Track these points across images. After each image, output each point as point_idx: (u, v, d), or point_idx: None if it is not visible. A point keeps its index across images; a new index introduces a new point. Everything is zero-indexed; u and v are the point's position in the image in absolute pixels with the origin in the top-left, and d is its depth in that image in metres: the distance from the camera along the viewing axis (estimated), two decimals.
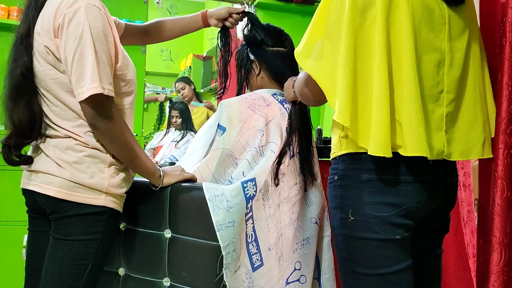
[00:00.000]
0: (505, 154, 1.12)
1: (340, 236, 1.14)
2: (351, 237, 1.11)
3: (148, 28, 1.69)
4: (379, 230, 1.07)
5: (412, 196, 1.07)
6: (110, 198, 1.23)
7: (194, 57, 4.98)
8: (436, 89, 1.09)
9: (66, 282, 1.19)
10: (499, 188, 1.11)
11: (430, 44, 1.09)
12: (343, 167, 1.13)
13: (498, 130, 1.14)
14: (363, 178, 1.09)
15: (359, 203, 1.09)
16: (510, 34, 1.13)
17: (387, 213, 1.07)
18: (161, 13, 5.06)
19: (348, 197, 1.11)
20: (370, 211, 1.07)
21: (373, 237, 1.08)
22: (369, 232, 1.08)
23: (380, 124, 1.02)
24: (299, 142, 1.55)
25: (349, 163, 1.12)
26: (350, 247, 1.12)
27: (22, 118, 1.19)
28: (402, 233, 1.08)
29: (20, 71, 1.19)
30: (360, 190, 1.09)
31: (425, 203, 1.10)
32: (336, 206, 1.14)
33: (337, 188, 1.14)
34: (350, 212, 1.10)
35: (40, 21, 1.20)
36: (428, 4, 1.08)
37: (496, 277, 1.09)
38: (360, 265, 1.11)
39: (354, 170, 1.11)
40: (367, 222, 1.08)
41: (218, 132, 1.47)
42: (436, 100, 1.10)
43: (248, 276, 1.35)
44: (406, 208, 1.07)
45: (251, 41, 1.67)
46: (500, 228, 1.10)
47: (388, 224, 1.07)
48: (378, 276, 1.09)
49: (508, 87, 1.12)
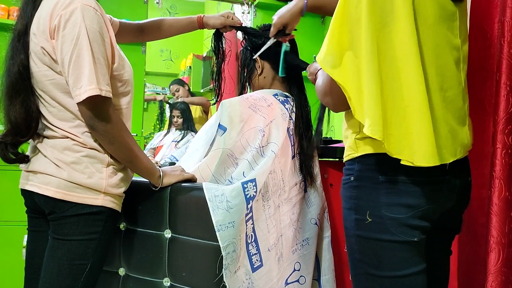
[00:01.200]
0: (503, 154, 1.12)
1: (354, 237, 1.12)
2: (366, 239, 1.09)
3: (143, 26, 1.69)
4: (395, 231, 1.06)
5: (429, 198, 1.06)
6: (108, 198, 1.23)
7: (194, 57, 4.97)
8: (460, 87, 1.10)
9: (65, 282, 1.19)
10: (497, 188, 1.11)
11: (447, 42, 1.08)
12: (359, 168, 1.11)
13: (496, 130, 1.14)
14: (380, 179, 1.07)
15: (375, 204, 1.07)
16: (508, 34, 1.13)
17: (404, 215, 1.05)
18: (161, 13, 5.06)
19: (365, 198, 1.09)
20: (387, 212, 1.06)
21: (389, 238, 1.06)
22: (385, 234, 1.06)
23: (425, 134, 1.00)
24: (300, 143, 1.55)
25: (366, 164, 1.10)
26: (364, 248, 1.10)
27: (18, 116, 1.19)
28: (419, 235, 1.07)
29: (17, 69, 1.19)
30: (376, 191, 1.07)
31: (441, 204, 1.09)
32: (351, 207, 1.13)
33: (353, 189, 1.12)
34: (368, 213, 1.08)
35: (36, 22, 1.19)
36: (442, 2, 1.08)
37: (494, 277, 1.09)
38: (374, 267, 1.09)
39: (370, 171, 1.09)
40: (384, 224, 1.06)
41: (218, 132, 1.47)
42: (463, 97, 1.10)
43: (248, 276, 1.35)
44: (423, 209, 1.06)
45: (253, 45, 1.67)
46: (498, 228, 1.10)
47: (405, 226, 1.05)
48: (393, 279, 1.07)
49: (506, 87, 1.12)
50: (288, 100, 1.61)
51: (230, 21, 1.70)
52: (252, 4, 3.32)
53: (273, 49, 1.65)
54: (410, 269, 1.07)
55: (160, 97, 5.00)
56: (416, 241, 1.06)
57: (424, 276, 1.09)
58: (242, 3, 3.34)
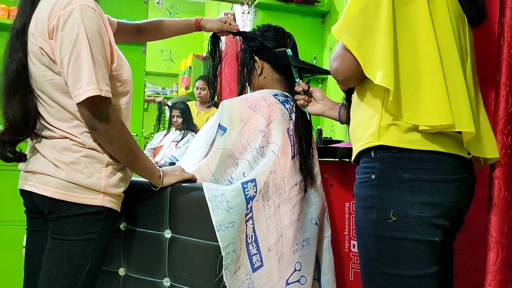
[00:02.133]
0: (502, 154, 1.12)
1: (371, 237, 1.11)
2: (386, 238, 1.08)
3: (141, 26, 1.69)
4: (420, 230, 1.05)
5: (451, 195, 1.06)
6: (107, 198, 1.23)
7: (194, 57, 4.97)
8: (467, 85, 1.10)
9: (64, 282, 1.19)
10: (496, 187, 1.11)
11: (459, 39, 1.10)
12: (380, 165, 1.10)
13: (496, 130, 1.14)
14: (404, 178, 1.06)
15: (400, 203, 1.06)
16: (508, 35, 1.13)
17: (428, 214, 1.05)
18: (161, 13, 5.06)
19: (388, 197, 1.08)
20: (412, 211, 1.05)
21: (412, 237, 1.05)
22: (408, 233, 1.05)
23: (438, 95, 1.02)
24: (299, 143, 1.55)
25: (388, 162, 1.09)
26: (382, 247, 1.09)
27: (16, 115, 1.19)
28: (441, 236, 1.06)
29: (16, 67, 1.19)
30: (401, 190, 1.06)
31: (460, 202, 1.09)
32: (371, 205, 1.11)
33: (374, 188, 1.11)
34: (392, 212, 1.07)
35: (34, 21, 1.19)
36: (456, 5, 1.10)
37: (493, 276, 1.10)
38: (392, 266, 1.08)
39: (394, 169, 1.08)
40: (409, 222, 1.05)
41: (219, 132, 1.47)
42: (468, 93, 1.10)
43: (248, 276, 1.35)
44: (445, 208, 1.06)
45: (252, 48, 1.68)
46: (497, 227, 1.10)
47: (429, 225, 1.05)
48: (410, 278, 1.07)
49: (506, 87, 1.13)
50: (288, 100, 1.61)
51: (227, 26, 1.70)
52: (252, 4, 3.32)
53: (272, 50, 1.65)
54: (427, 270, 1.06)
55: (159, 98, 5.00)
56: (437, 241, 1.05)
57: (437, 279, 1.08)
58: (242, 3, 3.34)
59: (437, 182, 1.05)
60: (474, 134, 1.03)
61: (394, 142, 1.07)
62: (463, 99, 1.04)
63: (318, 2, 3.37)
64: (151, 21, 1.71)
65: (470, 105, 1.05)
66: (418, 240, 1.05)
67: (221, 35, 1.76)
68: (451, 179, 1.06)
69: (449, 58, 1.05)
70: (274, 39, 1.66)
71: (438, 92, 1.02)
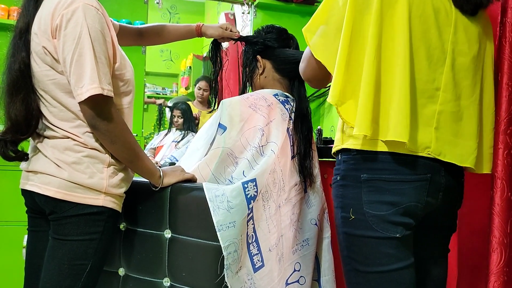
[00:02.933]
0: (505, 154, 1.12)
1: (341, 235, 1.16)
2: (352, 235, 1.13)
3: (142, 31, 1.70)
4: (377, 228, 1.09)
5: (410, 195, 1.09)
6: (109, 198, 1.23)
7: (194, 57, 4.97)
8: (431, 85, 1.11)
9: (65, 282, 1.19)
10: (499, 188, 1.11)
11: (428, 40, 1.10)
12: (344, 167, 1.15)
13: (498, 130, 1.14)
14: (362, 178, 1.11)
15: (358, 202, 1.11)
16: (510, 35, 1.13)
17: (385, 212, 1.08)
18: (161, 13, 5.06)
19: (348, 196, 1.13)
20: (369, 209, 1.09)
21: (372, 235, 1.10)
22: (368, 230, 1.10)
23: (362, 107, 1.06)
24: (299, 143, 1.55)
25: (350, 164, 1.14)
26: (351, 245, 1.14)
27: (18, 114, 1.19)
28: (402, 232, 1.09)
29: (18, 66, 1.19)
30: (359, 190, 1.11)
31: (424, 202, 1.11)
32: (337, 205, 1.17)
33: (339, 188, 1.16)
34: (351, 211, 1.12)
35: (37, 21, 1.19)
36: (434, 3, 1.10)
37: (496, 277, 1.09)
38: (361, 263, 1.12)
39: (354, 170, 1.13)
40: (366, 221, 1.10)
41: (218, 131, 1.47)
42: (430, 96, 1.11)
43: (250, 277, 1.35)
44: (404, 206, 1.09)
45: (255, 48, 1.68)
46: (500, 228, 1.10)
47: (387, 222, 1.09)
48: (379, 274, 1.10)
49: (508, 87, 1.12)
50: (288, 100, 1.61)
51: (228, 33, 1.71)
52: (252, 4, 3.32)
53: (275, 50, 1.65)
54: (395, 265, 1.10)
55: (159, 101, 5.00)
56: (398, 237, 1.09)
57: (410, 272, 1.12)
58: (242, 3, 3.34)
59: (393, 181, 1.09)
60: (405, 142, 1.05)
61: (354, 145, 1.12)
62: (397, 106, 1.06)
63: (318, 2, 3.37)
64: (153, 26, 1.72)
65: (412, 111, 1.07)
66: (378, 237, 1.09)
67: (222, 41, 1.76)
68: (409, 179, 1.09)
69: (390, 64, 1.08)
70: (277, 40, 1.67)
71: (366, 102, 1.07)
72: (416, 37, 1.08)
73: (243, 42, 1.73)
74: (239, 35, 1.71)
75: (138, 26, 1.71)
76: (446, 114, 1.12)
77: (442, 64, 1.11)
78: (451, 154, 1.12)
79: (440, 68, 1.11)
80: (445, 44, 1.11)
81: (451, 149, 1.12)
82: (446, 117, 1.12)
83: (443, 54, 1.11)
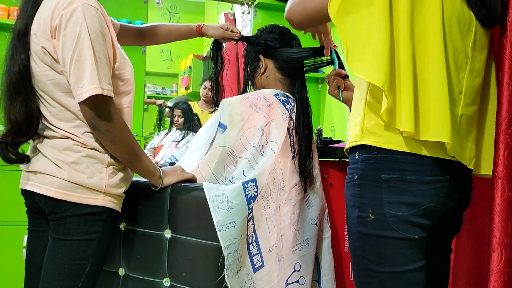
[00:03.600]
0: (505, 154, 1.12)
1: (356, 234, 1.15)
2: (368, 235, 1.12)
3: (143, 30, 1.70)
4: (397, 228, 1.08)
5: (431, 196, 1.09)
6: (108, 198, 1.23)
7: (194, 57, 4.97)
8: (457, 88, 1.11)
9: (65, 282, 1.19)
10: (500, 188, 1.11)
11: (456, 43, 1.10)
12: (362, 166, 1.14)
13: (499, 130, 1.13)
14: (382, 178, 1.09)
15: (378, 202, 1.10)
16: (511, 34, 1.13)
17: (405, 213, 1.08)
18: (161, 13, 5.06)
19: (367, 196, 1.12)
20: (389, 210, 1.08)
21: (390, 235, 1.09)
22: (386, 231, 1.09)
23: (407, 102, 1.04)
24: (299, 143, 1.55)
25: (369, 163, 1.13)
26: (366, 245, 1.13)
27: (18, 116, 1.19)
28: (420, 233, 1.09)
29: (18, 69, 1.19)
30: (379, 189, 1.10)
31: (442, 203, 1.11)
32: (353, 204, 1.15)
33: (356, 187, 1.15)
34: (370, 211, 1.11)
35: (37, 21, 1.19)
36: (458, 6, 1.10)
37: (497, 277, 1.09)
38: (375, 262, 1.12)
39: (373, 169, 1.11)
40: (386, 221, 1.09)
41: (219, 130, 1.47)
42: (455, 99, 1.11)
43: (250, 277, 1.35)
44: (424, 208, 1.08)
45: None
46: (501, 228, 1.10)
47: (406, 223, 1.08)
48: (393, 274, 1.10)
49: (508, 87, 1.12)
50: (289, 100, 1.61)
51: (229, 33, 1.71)
52: (252, 4, 3.32)
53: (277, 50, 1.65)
54: (410, 266, 1.09)
55: (159, 101, 4.99)
56: (416, 238, 1.08)
57: (423, 273, 1.12)
58: (242, 3, 3.34)
59: (414, 182, 1.08)
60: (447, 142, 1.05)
61: (374, 142, 1.11)
62: (438, 106, 1.05)
63: None
64: (153, 26, 1.71)
65: (449, 111, 1.06)
66: (396, 237, 1.09)
67: (222, 41, 1.76)
68: (430, 180, 1.09)
69: (424, 64, 1.07)
70: (279, 40, 1.67)
71: (408, 98, 1.05)
72: (447, 39, 1.08)
73: (244, 42, 1.73)
74: (240, 36, 1.71)
75: (139, 25, 1.71)
76: (465, 117, 1.13)
77: (464, 69, 1.12)
78: (463, 157, 1.13)
79: (462, 73, 1.12)
80: (467, 49, 1.12)
81: (463, 151, 1.13)
82: (464, 121, 1.13)
83: (465, 58, 1.12)
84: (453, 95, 1.10)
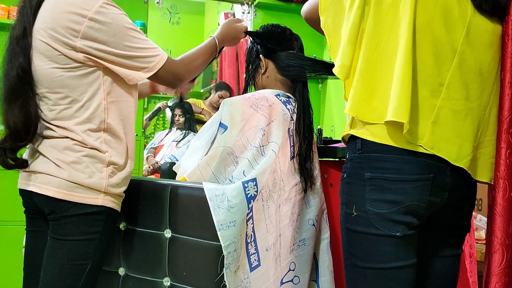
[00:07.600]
0: (507, 153, 1.11)
1: (344, 230, 1.19)
2: (353, 232, 1.15)
3: None
4: (378, 226, 1.10)
5: (412, 195, 1.09)
6: (108, 198, 1.22)
7: None
8: (435, 79, 1.11)
9: (66, 282, 1.19)
10: (501, 188, 1.10)
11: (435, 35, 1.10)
12: (350, 165, 1.18)
13: (500, 129, 1.13)
14: (366, 176, 1.12)
15: (361, 200, 1.13)
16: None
17: (386, 210, 1.10)
18: (161, 13, 5.05)
19: (352, 194, 1.15)
20: (370, 207, 1.11)
21: (372, 232, 1.11)
22: (369, 228, 1.11)
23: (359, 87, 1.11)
24: (300, 144, 1.55)
25: (355, 162, 1.16)
26: (352, 240, 1.16)
27: (17, 121, 1.18)
28: (403, 230, 1.10)
29: (16, 73, 1.18)
30: (363, 188, 1.13)
31: (427, 201, 1.11)
32: (342, 201, 1.19)
33: (345, 185, 1.19)
34: (354, 207, 1.14)
35: (42, 21, 1.19)
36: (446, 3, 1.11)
37: (498, 278, 1.09)
38: (360, 258, 1.14)
39: (359, 168, 1.14)
40: (368, 218, 1.11)
41: (219, 130, 1.47)
42: (433, 90, 1.11)
43: (246, 276, 1.35)
44: (406, 205, 1.09)
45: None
46: (502, 228, 1.09)
47: (388, 220, 1.10)
48: (376, 270, 1.12)
49: (510, 86, 1.12)
50: (290, 101, 1.61)
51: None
52: (252, 4, 3.32)
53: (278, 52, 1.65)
54: (393, 263, 1.11)
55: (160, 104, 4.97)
56: (399, 235, 1.10)
57: (410, 271, 1.13)
58: (242, 3, 3.34)
59: (395, 181, 1.10)
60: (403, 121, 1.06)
61: (359, 133, 1.14)
62: (398, 89, 1.07)
63: None
64: None
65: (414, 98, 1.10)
66: (378, 234, 1.11)
67: None
68: (411, 179, 1.10)
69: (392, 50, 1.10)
70: (279, 42, 1.66)
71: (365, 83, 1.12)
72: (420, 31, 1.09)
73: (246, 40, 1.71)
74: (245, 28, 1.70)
75: None
76: (447, 110, 1.11)
77: (449, 62, 1.11)
78: (446, 151, 1.11)
79: (447, 65, 1.11)
80: (455, 43, 1.11)
81: (448, 146, 1.12)
82: (447, 114, 1.11)
83: (452, 52, 1.11)
84: (429, 86, 1.10)
